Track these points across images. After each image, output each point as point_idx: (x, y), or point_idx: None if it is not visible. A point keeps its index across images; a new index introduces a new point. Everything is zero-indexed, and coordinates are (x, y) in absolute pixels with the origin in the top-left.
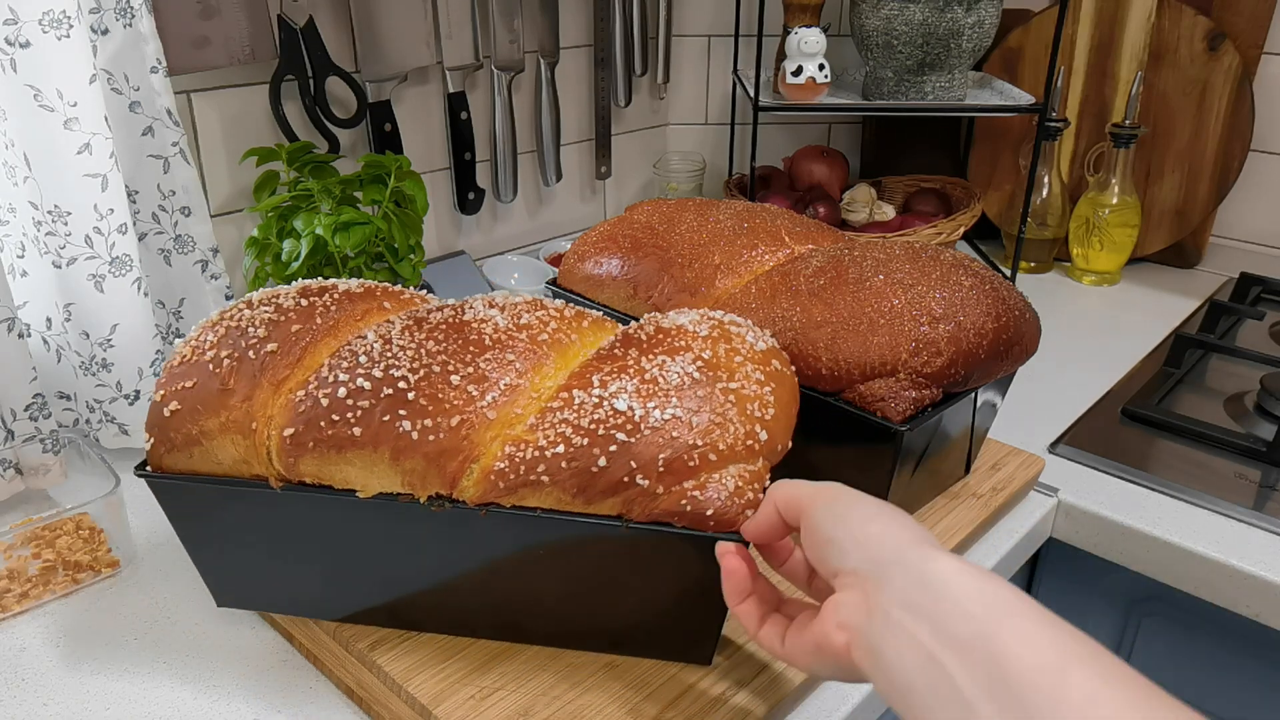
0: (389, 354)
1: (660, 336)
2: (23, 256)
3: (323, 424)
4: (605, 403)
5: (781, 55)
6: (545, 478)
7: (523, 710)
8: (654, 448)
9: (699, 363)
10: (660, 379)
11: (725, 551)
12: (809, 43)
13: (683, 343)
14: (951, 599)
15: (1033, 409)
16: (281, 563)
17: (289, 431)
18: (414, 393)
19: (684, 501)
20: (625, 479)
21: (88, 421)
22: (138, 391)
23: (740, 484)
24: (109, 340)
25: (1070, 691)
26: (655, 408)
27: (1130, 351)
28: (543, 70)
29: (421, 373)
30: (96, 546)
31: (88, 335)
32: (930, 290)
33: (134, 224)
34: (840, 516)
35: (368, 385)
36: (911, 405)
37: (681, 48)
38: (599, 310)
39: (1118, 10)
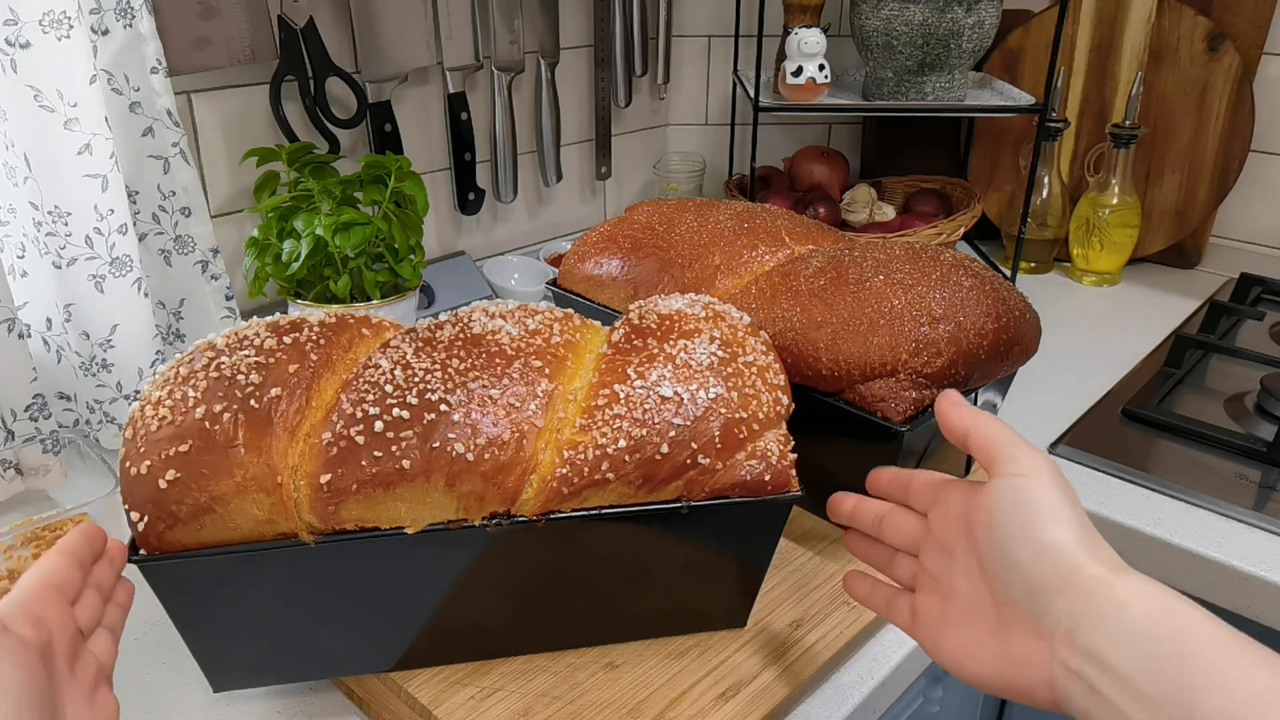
0: (415, 379)
1: (669, 323)
2: (23, 257)
3: (364, 463)
4: (651, 392)
5: (781, 56)
6: (610, 474)
7: (523, 710)
8: (709, 426)
9: (717, 342)
10: (691, 362)
11: (838, 504)
12: (809, 43)
13: (691, 326)
14: (1137, 654)
15: (1033, 409)
16: (309, 624)
17: (325, 478)
18: (458, 413)
19: (742, 472)
20: (688, 460)
21: (88, 422)
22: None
23: (781, 446)
24: (109, 341)
25: None
26: (698, 389)
27: (1130, 352)
28: (543, 70)
29: (459, 393)
30: None
31: (88, 336)
32: (930, 291)
33: (134, 224)
34: (1019, 506)
35: (406, 414)
36: (912, 405)
37: (681, 48)
38: (588, 310)
39: (1118, 10)
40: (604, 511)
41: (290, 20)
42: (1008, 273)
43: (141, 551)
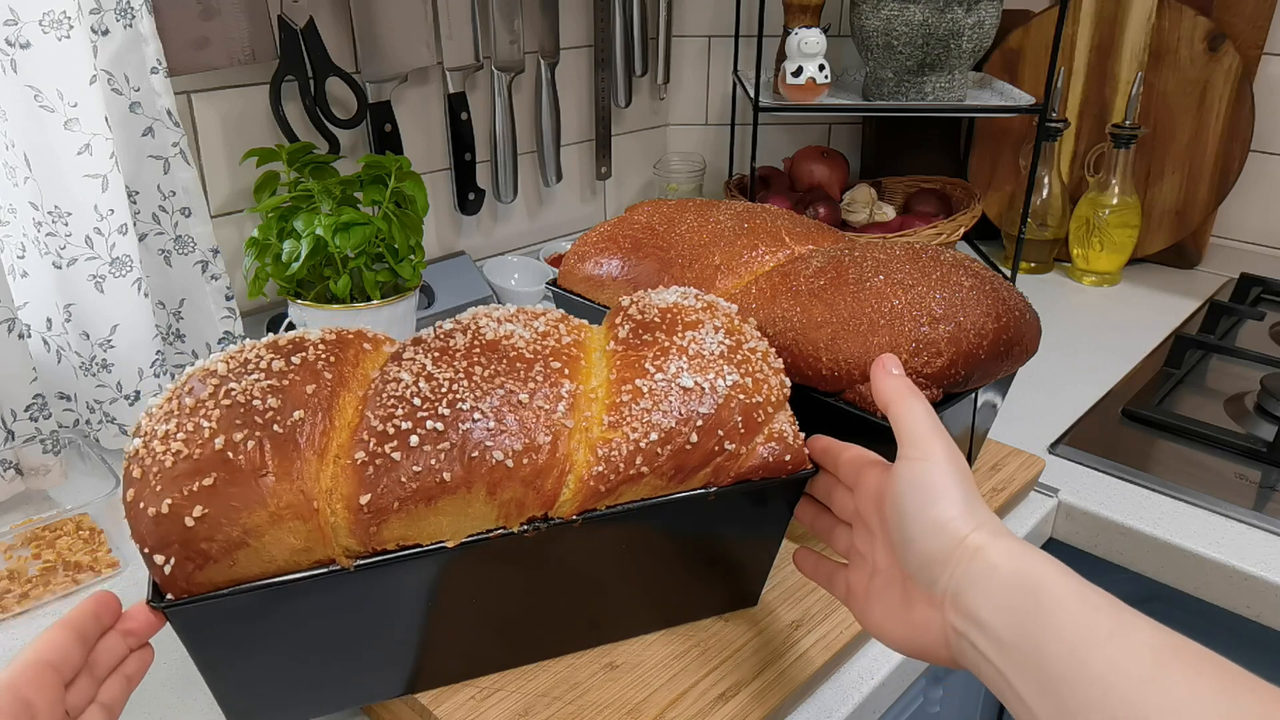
0: (441, 389)
1: (670, 315)
2: (23, 257)
3: (404, 480)
4: (673, 384)
5: (782, 56)
6: (645, 468)
7: (523, 710)
8: (731, 413)
9: (721, 331)
10: (703, 352)
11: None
12: (809, 43)
13: (693, 317)
14: (1002, 609)
15: (1033, 409)
16: (342, 653)
17: (365, 499)
18: (493, 421)
19: (764, 453)
20: (715, 448)
21: (88, 422)
22: (138, 392)
23: (792, 427)
24: (109, 341)
25: (1095, 668)
26: (715, 377)
27: (1130, 352)
28: (543, 71)
29: (488, 400)
30: (96, 547)
31: (88, 336)
32: (930, 291)
33: (134, 224)
34: (914, 488)
35: (440, 426)
36: None
37: (681, 48)
38: (589, 311)
39: (1118, 11)
40: (635, 506)
41: (290, 20)
42: (1008, 273)
43: (169, 596)
